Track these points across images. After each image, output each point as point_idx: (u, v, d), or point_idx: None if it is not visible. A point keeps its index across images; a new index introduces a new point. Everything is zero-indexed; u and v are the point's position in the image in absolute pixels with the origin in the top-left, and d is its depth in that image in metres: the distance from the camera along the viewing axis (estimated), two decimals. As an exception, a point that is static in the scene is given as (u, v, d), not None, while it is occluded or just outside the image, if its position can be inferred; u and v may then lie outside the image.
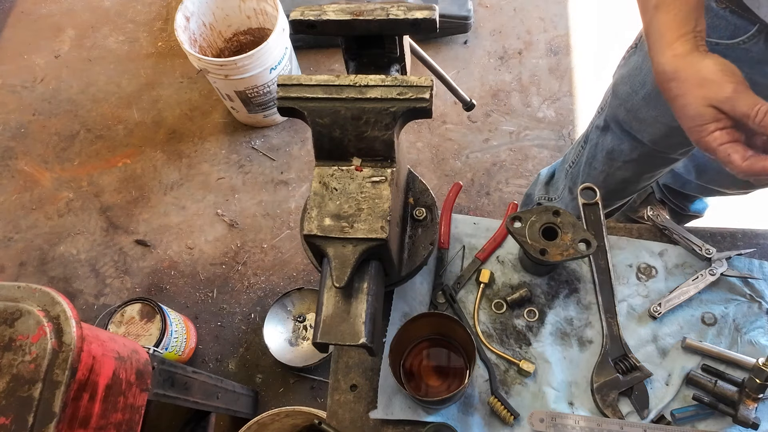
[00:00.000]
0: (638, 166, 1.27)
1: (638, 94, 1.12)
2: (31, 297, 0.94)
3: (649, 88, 1.09)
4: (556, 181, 1.62)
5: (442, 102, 2.41)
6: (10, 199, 2.38)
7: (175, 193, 2.33)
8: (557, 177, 1.61)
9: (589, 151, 1.36)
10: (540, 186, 1.69)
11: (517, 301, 1.00)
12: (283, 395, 1.96)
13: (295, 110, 0.78)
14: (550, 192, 1.64)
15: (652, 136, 1.16)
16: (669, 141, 1.15)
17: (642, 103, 1.12)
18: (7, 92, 2.64)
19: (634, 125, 1.18)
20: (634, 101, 1.14)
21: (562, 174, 1.54)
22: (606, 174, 1.33)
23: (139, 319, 1.85)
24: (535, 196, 1.70)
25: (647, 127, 1.15)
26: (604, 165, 1.32)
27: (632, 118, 1.17)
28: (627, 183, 1.34)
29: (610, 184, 1.36)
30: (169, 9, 2.79)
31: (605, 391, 0.92)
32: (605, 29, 2.54)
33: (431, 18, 0.77)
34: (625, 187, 1.36)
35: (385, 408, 0.93)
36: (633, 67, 1.13)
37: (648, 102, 1.11)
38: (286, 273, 2.14)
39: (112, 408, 1.05)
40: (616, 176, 1.32)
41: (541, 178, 1.70)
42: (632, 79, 1.13)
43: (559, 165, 1.62)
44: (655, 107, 1.10)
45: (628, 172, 1.29)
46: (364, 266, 0.76)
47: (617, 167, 1.30)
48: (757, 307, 0.98)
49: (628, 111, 1.17)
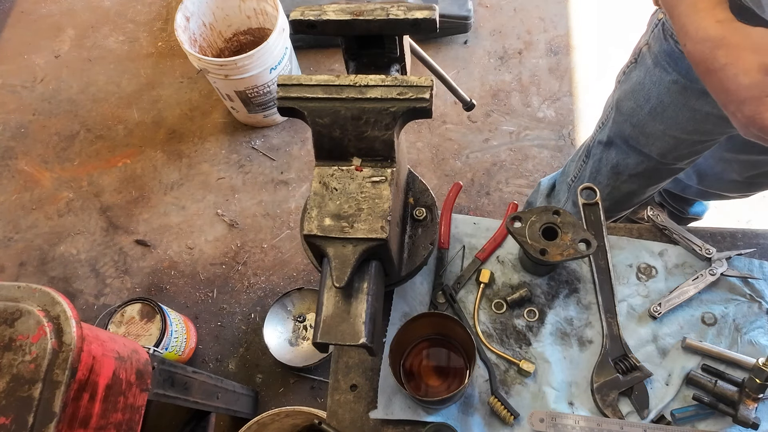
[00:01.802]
0: (644, 179, 1.27)
1: (643, 109, 1.11)
2: (31, 297, 0.94)
3: (654, 103, 1.08)
4: (557, 193, 1.61)
5: (442, 102, 2.41)
6: (10, 199, 2.38)
7: (175, 193, 2.33)
8: (558, 189, 1.61)
9: (592, 167, 1.35)
10: (541, 197, 1.69)
11: (517, 301, 1.00)
12: (283, 395, 1.96)
13: (295, 110, 0.78)
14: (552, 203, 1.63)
15: (660, 150, 1.15)
16: (677, 153, 1.15)
17: (648, 118, 1.11)
18: (7, 92, 2.64)
19: (641, 140, 1.17)
20: (639, 116, 1.13)
21: (564, 187, 1.54)
22: (611, 188, 1.33)
23: (139, 319, 1.85)
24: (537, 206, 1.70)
25: (655, 141, 1.14)
26: (609, 179, 1.31)
27: (639, 134, 1.16)
28: (632, 195, 1.33)
29: (615, 197, 1.35)
30: (169, 9, 2.79)
31: (605, 391, 0.92)
32: (605, 29, 2.54)
33: (431, 18, 0.77)
34: (630, 199, 1.35)
35: (385, 408, 0.93)
36: (635, 82, 1.11)
37: (654, 116, 1.10)
38: (286, 273, 2.14)
39: (112, 408, 1.05)
40: (622, 189, 1.32)
41: (542, 188, 1.70)
42: (636, 95, 1.12)
43: (559, 177, 1.61)
44: (662, 121, 1.09)
45: (633, 185, 1.29)
46: (364, 266, 0.76)
47: (623, 181, 1.29)
48: (757, 307, 0.98)
49: (634, 126, 1.16)
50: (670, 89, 1.04)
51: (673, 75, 1.02)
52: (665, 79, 1.04)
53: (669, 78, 1.03)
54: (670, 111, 1.06)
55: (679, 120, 1.07)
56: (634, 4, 2.53)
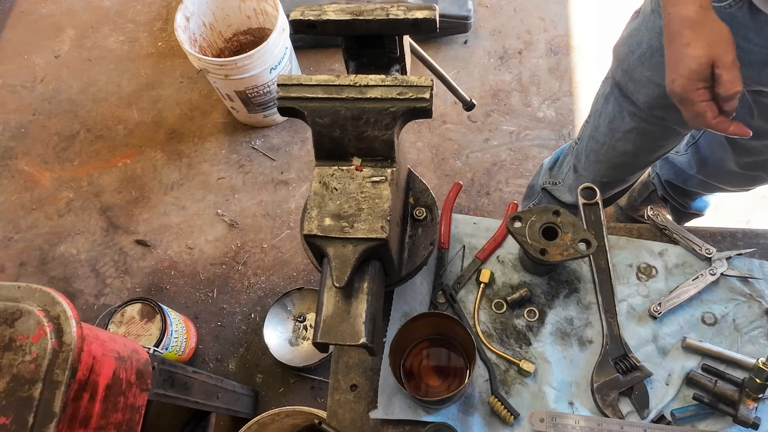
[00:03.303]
0: (638, 136, 1.28)
1: (634, 53, 1.14)
2: (31, 297, 0.94)
3: (645, 48, 1.10)
4: (561, 164, 1.62)
5: (442, 102, 2.41)
6: (10, 199, 2.38)
7: (175, 193, 2.33)
8: (562, 160, 1.62)
9: (593, 123, 1.37)
10: (544, 173, 1.70)
11: (517, 301, 1.01)
12: (283, 395, 1.96)
13: (296, 110, 0.78)
14: (554, 177, 1.64)
15: (646, 98, 1.17)
16: (663, 102, 1.15)
17: (637, 63, 1.14)
18: (7, 92, 2.64)
19: (629, 86, 1.19)
20: (630, 61, 1.15)
21: (570, 155, 1.56)
22: (608, 146, 1.34)
23: (139, 319, 1.85)
24: (539, 183, 1.71)
25: (641, 88, 1.16)
26: (606, 136, 1.33)
27: (628, 79, 1.18)
28: (628, 156, 1.34)
29: (611, 158, 1.36)
30: (169, 9, 2.79)
31: (605, 390, 0.92)
32: (605, 29, 2.53)
33: (431, 18, 0.77)
34: (626, 161, 1.36)
35: (385, 408, 0.93)
36: (632, 29, 1.15)
37: (643, 61, 1.12)
38: (286, 273, 2.14)
39: (113, 408, 1.05)
40: (618, 148, 1.33)
41: (545, 166, 1.71)
42: (630, 40, 1.15)
43: (566, 148, 1.63)
44: (648, 67, 1.11)
45: (628, 143, 1.30)
46: (364, 266, 0.76)
47: (618, 138, 1.30)
48: (757, 307, 0.98)
49: (624, 71, 1.18)
50: (660, 34, 1.06)
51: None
52: (657, 24, 1.06)
53: (660, 23, 1.05)
54: (657, 57, 1.08)
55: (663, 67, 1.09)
56: (634, 4, 2.53)
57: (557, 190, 1.62)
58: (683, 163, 1.64)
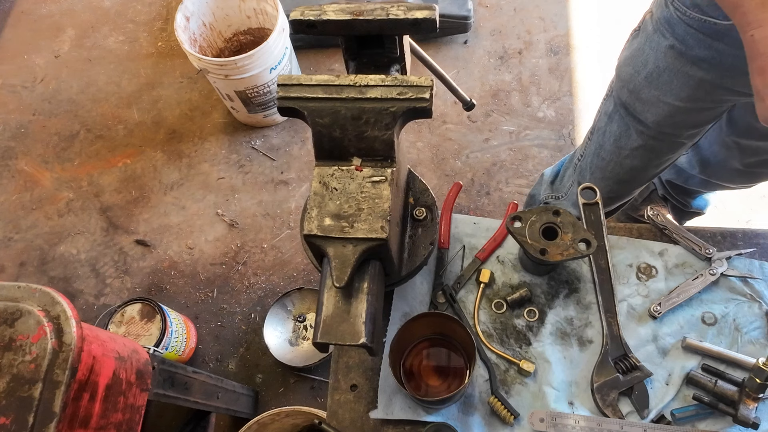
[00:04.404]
0: (646, 153, 1.27)
1: (640, 74, 1.13)
2: (31, 297, 0.94)
3: (651, 68, 1.10)
4: (562, 178, 1.62)
5: (442, 102, 2.41)
6: (10, 199, 2.38)
7: (175, 193, 2.33)
8: (563, 174, 1.61)
9: (596, 140, 1.36)
10: (545, 186, 1.69)
11: (517, 300, 1.01)
12: (283, 395, 1.96)
13: (295, 110, 0.78)
14: (556, 191, 1.64)
15: (655, 117, 1.16)
16: (672, 120, 1.15)
17: (644, 83, 1.13)
18: (7, 92, 2.64)
19: (637, 107, 1.18)
20: (636, 81, 1.15)
21: (570, 169, 1.54)
22: (614, 163, 1.33)
23: (139, 319, 1.85)
24: (541, 196, 1.70)
25: (650, 108, 1.16)
26: (612, 154, 1.32)
27: (635, 99, 1.18)
28: (635, 171, 1.33)
29: (618, 174, 1.35)
30: (169, 9, 2.79)
31: (605, 390, 0.92)
32: (606, 29, 2.54)
33: (431, 18, 0.77)
34: (633, 176, 1.35)
35: (385, 408, 0.93)
36: (636, 49, 1.14)
37: (650, 82, 1.11)
38: (286, 273, 2.14)
39: (113, 408, 1.05)
40: (624, 165, 1.32)
41: (546, 177, 1.70)
42: (635, 60, 1.14)
43: (566, 161, 1.62)
44: (657, 87, 1.11)
45: (636, 159, 1.29)
46: (364, 266, 0.76)
47: (625, 155, 1.29)
48: (757, 307, 0.98)
49: (631, 92, 1.18)
50: (666, 54, 1.06)
51: (669, 40, 1.04)
52: (662, 44, 1.05)
53: (666, 43, 1.05)
54: (665, 76, 1.08)
55: (673, 86, 1.09)
56: (634, 4, 2.53)
57: (560, 204, 1.61)
58: (684, 163, 1.64)
